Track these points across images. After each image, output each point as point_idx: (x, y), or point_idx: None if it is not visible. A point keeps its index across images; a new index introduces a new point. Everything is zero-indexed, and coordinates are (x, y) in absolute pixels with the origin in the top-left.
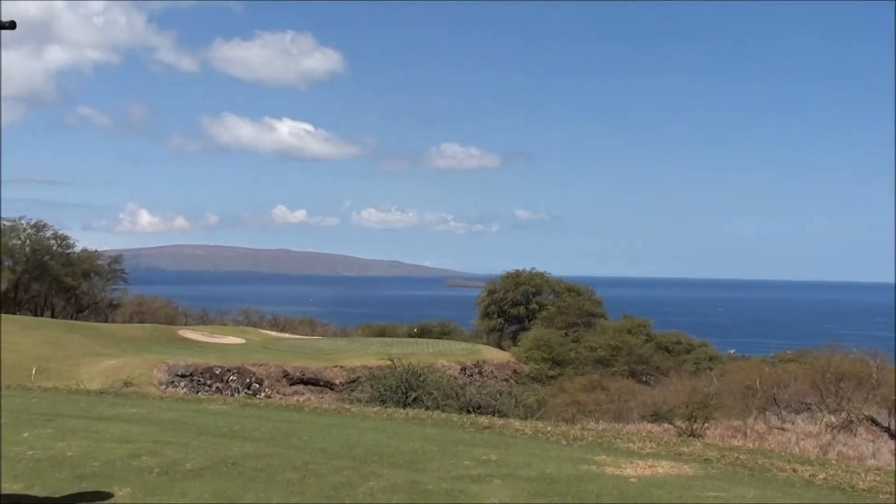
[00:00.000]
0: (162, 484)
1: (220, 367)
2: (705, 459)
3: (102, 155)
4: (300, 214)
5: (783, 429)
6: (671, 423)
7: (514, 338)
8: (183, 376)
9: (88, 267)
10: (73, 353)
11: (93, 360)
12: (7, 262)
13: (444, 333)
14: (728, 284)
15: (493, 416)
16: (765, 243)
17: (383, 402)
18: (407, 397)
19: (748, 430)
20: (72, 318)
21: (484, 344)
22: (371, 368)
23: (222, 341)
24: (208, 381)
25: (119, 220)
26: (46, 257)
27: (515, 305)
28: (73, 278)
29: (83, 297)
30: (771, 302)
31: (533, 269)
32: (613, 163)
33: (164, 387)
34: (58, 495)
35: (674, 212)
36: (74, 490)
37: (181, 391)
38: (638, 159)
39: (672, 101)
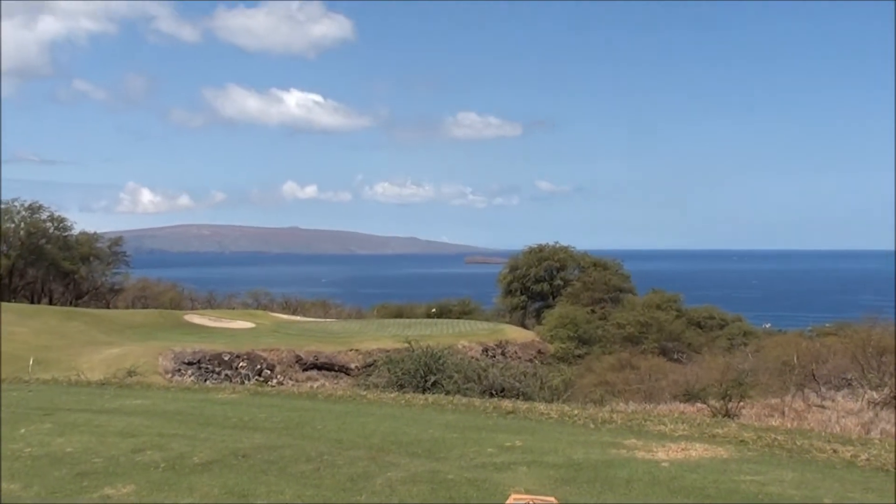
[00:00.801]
0: (168, 479)
1: (230, 353)
2: (741, 441)
3: (100, 131)
4: (310, 190)
5: (823, 406)
6: (704, 403)
7: (538, 316)
8: (190, 364)
9: (87, 250)
10: (72, 342)
11: (93, 348)
12: (2, 247)
13: (464, 313)
14: (759, 256)
15: (518, 399)
16: (796, 211)
17: (401, 387)
18: (426, 382)
19: (786, 409)
20: (71, 304)
21: (506, 323)
22: (388, 352)
23: (231, 326)
24: (216, 369)
25: (119, 200)
26: (42, 241)
27: (539, 282)
28: (72, 262)
29: (82, 283)
30: (806, 273)
31: (557, 242)
32: (640, 129)
33: (169, 375)
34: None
35: (703, 180)
36: (75, 488)
37: (188, 380)
38: (666, 125)
39: (703, 61)
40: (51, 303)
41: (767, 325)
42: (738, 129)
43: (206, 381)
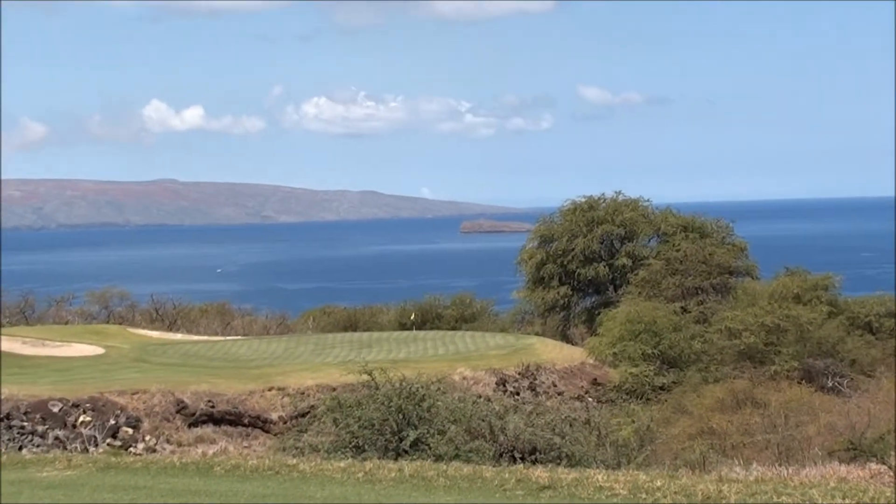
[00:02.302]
0: None
1: (61, 400)
2: None
3: None
4: (192, 115)
5: None
6: (883, 463)
7: (590, 320)
8: None
9: None
10: None
11: None
12: None
13: (463, 320)
14: None
15: (558, 465)
16: None
17: (358, 450)
18: (400, 441)
19: None
20: None
21: (536, 335)
22: (335, 390)
23: (63, 353)
24: (39, 428)
25: None
26: None
27: (590, 262)
28: None
29: None
30: None
31: (618, 193)
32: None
33: None
34: None
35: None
36: None
37: None
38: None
39: None
40: None
41: None
42: None
43: (20, 448)
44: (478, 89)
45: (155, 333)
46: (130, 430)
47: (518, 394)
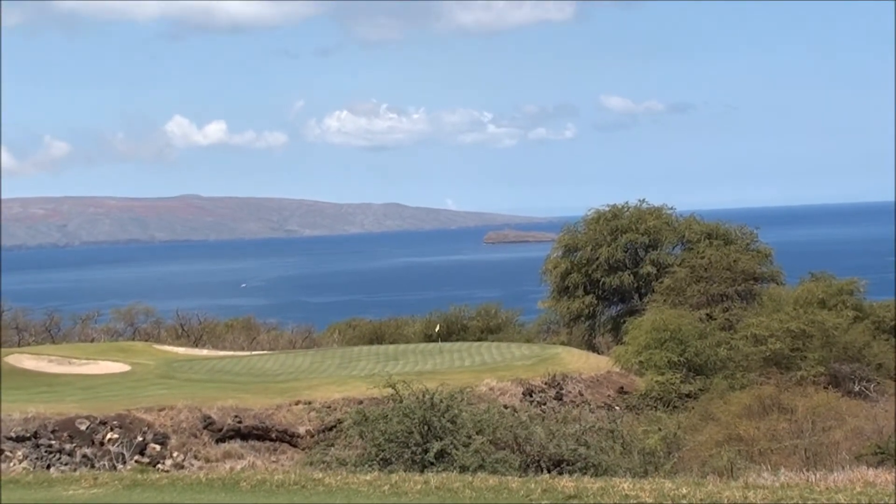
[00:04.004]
0: None
1: (88, 417)
2: None
3: None
4: (215, 130)
5: None
6: None
7: (616, 329)
8: (19, 439)
9: None
10: None
11: None
12: None
13: (488, 330)
14: None
15: (585, 474)
16: None
17: (385, 462)
18: (426, 452)
19: None
20: None
21: (562, 344)
22: (361, 403)
23: (89, 371)
24: (66, 446)
25: None
26: None
27: (615, 270)
28: None
29: None
30: None
31: (642, 201)
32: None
33: None
34: None
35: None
36: None
37: (17, 467)
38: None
39: None
40: None
41: None
42: None
43: (48, 466)
44: (500, 99)
45: (181, 349)
46: (158, 447)
47: (545, 404)
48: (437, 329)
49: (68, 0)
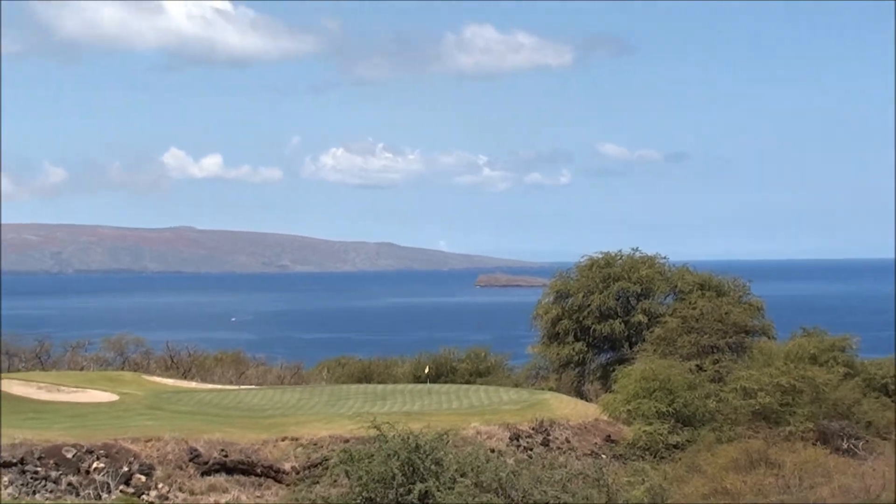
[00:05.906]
0: None
1: (75, 445)
2: None
3: None
4: (211, 164)
5: None
6: None
7: (605, 377)
8: (6, 465)
9: None
10: None
11: None
12: None
13: (477, 374)
14: None
15: None
16: None
17: (369, 501)
18: (409, 493)
19: None
20: None
21: (550, 390)
22: (347, 441)
23: (77, 399)
24: (52, 473)
25: None
26: None
27: (606, 318)
28: None
29: None
30: None
31: (635, 250)
32: (764, 54)
33: None
34: None
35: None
36: None
37: (4, 493)
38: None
39: None
40: None
41: None
42: None
43: (34, 493)
44: (495, 143)
45: (169, 381)
46: (143, 478)
47: (531, 449)
48: (426, 370)
49: (68, 30)
